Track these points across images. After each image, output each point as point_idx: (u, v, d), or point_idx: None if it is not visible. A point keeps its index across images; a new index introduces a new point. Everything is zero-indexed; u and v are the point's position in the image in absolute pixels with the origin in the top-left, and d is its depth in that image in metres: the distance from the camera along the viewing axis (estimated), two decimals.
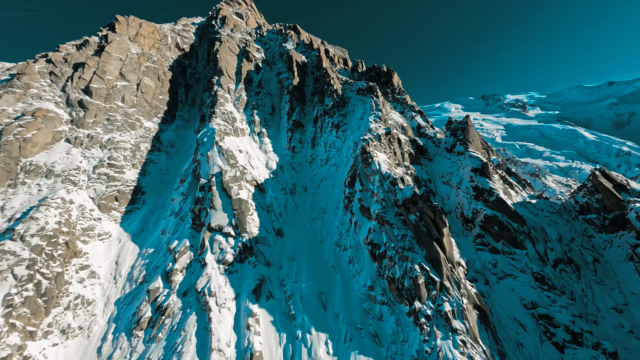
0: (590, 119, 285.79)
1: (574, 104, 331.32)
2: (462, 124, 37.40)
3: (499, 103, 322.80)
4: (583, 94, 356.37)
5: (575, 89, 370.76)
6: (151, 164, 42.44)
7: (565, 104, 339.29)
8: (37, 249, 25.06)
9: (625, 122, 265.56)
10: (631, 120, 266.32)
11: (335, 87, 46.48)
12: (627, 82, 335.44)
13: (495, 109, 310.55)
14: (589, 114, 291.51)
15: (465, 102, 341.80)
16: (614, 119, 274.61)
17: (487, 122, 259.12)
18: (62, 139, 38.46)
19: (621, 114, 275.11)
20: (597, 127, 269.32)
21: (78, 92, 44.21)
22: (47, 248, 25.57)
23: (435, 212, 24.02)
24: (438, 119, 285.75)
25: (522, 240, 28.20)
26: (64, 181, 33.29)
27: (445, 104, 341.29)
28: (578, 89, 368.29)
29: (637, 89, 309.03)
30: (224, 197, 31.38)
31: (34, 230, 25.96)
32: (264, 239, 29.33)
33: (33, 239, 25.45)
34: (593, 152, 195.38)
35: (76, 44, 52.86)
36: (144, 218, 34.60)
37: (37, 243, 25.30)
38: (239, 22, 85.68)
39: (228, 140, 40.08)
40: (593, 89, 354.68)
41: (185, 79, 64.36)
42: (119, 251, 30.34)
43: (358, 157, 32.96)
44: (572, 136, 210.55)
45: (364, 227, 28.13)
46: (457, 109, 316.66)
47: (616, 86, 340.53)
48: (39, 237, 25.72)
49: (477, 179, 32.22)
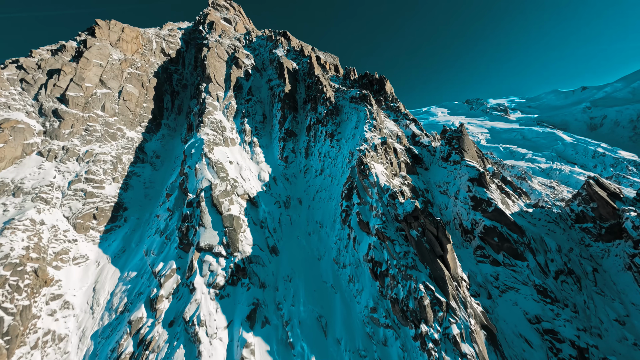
0: (566, 122, 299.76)
1: (551, 108, 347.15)
2: (457, 132, 36.97)
3: (483, 107, 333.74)
4: (559, 98, 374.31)
5: (552, 93, 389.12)
6: (134, 176, 39.59)
7: (543, 108, 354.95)
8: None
9: (599, 125, 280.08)
10: (603, 122, 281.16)
11: (328, 95, 45.33)
12: (598, 87, 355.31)
13: (479, 113, 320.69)
14: (565, 117, 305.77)
15: (450, 107, 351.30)
16: (588, 121, 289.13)
17: (472, 125, 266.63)
18: (34, 152, 35.17)
19: (594, 117, 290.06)
20: (573, 130, 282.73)
21: (53, 101, 40.90)
22: (11, 279, 22.61)
23: (438, 227, 22.95)
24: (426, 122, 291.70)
25: (523, 251, 27.61)
26: (34, 199, 30.15)
27: (432, 108, 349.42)
28: (554, 94, 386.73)
29: (607, 93, 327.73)
30: (214, 214, 29.24)
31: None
32: (257, 258, 27.37)
33: None
34: (571, 154, 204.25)
35: (51, 49, 49.36)
36: (126, 237, 31.85)
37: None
38: (227, 27, 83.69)
39: (217, 151, 37.95)
40: (568, 94, 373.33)
41: (171, 85, 61.58)
42: (97, 276, 27.53)
43: (354, 168, 31.70)
44: (552, 139, 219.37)
45: (364, 242, 26.74)
46: (443, 113, 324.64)
47: (588, 91, 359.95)
48: (2, 267, 22.73)
49: (475, 188, 31.61)
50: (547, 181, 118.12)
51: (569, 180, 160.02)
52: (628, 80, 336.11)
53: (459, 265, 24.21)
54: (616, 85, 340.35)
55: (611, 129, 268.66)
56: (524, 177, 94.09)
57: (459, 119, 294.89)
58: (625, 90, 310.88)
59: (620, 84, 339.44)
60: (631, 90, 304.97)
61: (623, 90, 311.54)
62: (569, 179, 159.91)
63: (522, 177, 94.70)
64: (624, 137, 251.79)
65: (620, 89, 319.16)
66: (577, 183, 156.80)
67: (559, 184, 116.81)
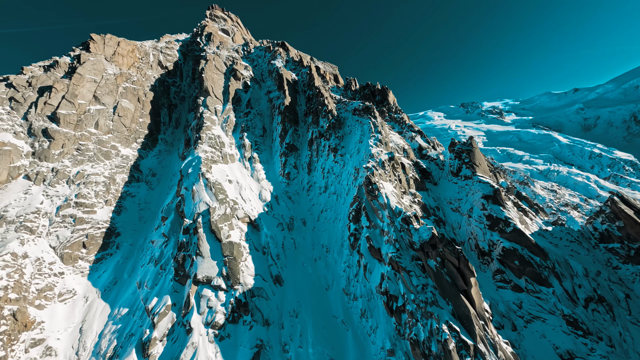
0: (560, 123, 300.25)
1: (545, 110, 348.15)
2: (467, 145, 34.70)
3: (478, 110, 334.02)
4: (552, 100, 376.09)
5: (544, 95, 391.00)
6: (128, 197, 36.97)
7: (537, 110, 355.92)
8: None
9: (592, 126, 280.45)
10: (597, 123, 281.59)
11: (330, 107, 43.11)
12: (590, 89, 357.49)
13: (475, 116, 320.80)
14: (559, 119, 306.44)
15: (446, 110, 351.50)
16: (582, 122, 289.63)
17: (469, 129, 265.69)
18: (20, 176, 32.55)
19: (588, 118, 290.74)
20: (567, 131, 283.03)
21: (43, 120, 38.44)
22: None
23: (460, 258, 20.42)
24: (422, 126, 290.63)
25: (547, 276, 25.10)
26: (18, 229, 27.45)
27: (428, 112, 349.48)
28: (547, 96, 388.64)
29: (599, 95, 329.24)
30: (213, 241, 26.62)
31: None
32: (260, 291, 24.69)
33: None
34: (568, 155, 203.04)
35: (44, 65, 47.09)
36: (118, 266, 29.11)
37: None
38: (225, 38, 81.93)
39: (216, 169, 35.47)
40: (560, 95, 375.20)
41: (168, 98, 59.32)
42: (85, 314, 24.73)
43: (362, 187, 29.25)
44: (548, 140, 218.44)
45: (376, 271, 24.15)
46: (439, 117, 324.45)
47: (580, 92, 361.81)
48: None
49: (490, 206, 29.21)
50: (548, 184, 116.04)
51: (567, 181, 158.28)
52: (619, 81, 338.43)
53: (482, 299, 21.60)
54: (607, 86, 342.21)
55: (605, 129, 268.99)
56: (527, 182, 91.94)
57: (455, 123, 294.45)
58: (616, 91, 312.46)
59: (612, 85, 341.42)
60: (622, 91, 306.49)
61: (615, 91, 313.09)
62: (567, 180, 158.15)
63: (524, 182, 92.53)
64: (618, 137, 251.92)
65: (612, 90, 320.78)
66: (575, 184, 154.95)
67: (560, 187, 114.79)
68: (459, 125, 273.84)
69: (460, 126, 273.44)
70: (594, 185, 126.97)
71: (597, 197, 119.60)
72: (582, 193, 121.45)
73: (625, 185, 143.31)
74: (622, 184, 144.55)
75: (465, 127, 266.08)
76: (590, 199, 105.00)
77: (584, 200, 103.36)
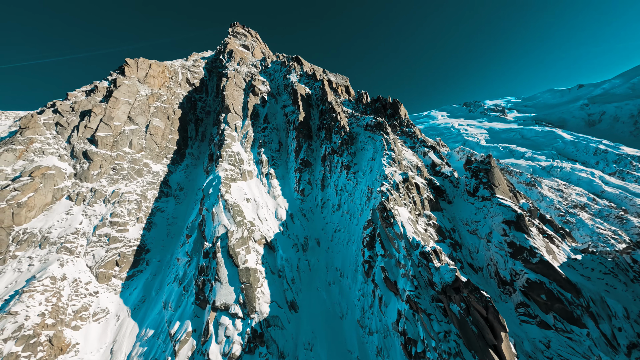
0: (564, 119, 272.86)
1: (548, 106, 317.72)
2: (485, 164, 29.40)
3: (481, 109, 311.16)
4: (555, 96, 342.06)
5: (547, 92, 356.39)
6: (158, 213, 35.42)
7: (539, 107, 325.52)
8: (9, 358, 18.13)
9: (597, 121, 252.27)
10: (602, 118, 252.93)
11: (342, 122, 38.76)
12: (595, 85, 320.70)
13: (478, 115, 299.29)
14: (563, 115, 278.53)
15: (450, 110, 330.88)
16: (586, 118, 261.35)
17: (472, 127, 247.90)
18: (64, 197, 31.62)
19: (592, 113, 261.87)
20: (570, 127, 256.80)
21: (84, 142, 37.38)
22: (22, 354, 18.61)
23: (489, 308, 16.28)
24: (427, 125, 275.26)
25: (580, 315, 20.27)
26: (59, 250, 26.39)
27: (432, 112, 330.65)
28: (550, 92, 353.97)
29: (606, 90, 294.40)
30: (230, 266, 24.08)
31: (9, 332, 19.03)
32: (276, 320, 21.95)
33: (6, 345, 18.52)
34: (572, 151, 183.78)
35: (86, 89, 46.13)
36: (147, 284, 27.55)
37: (10, 351, 18.37)
38: (245, 53, 78.33)
39: (235, 187, 32.78)
40: (564, 92, 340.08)
41: (195, 114, 57.31)
42: (116, 334, 23.29)
43: (376, 211, 25.32)
44: (551, 137, 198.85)
45: (392, 306, 20.53)
46: (443, 116, 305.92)
47: (585, 88, 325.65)
48: (14, 341, 18.78)
49: (513, 233, 24.30)
50: (554, 183, 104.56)
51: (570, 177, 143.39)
52: (627, 76, 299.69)
53: (514, 350, 17.43)
54: (614, 81, 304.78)
55: (610, 124, 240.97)
56: (533, 184, 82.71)
57: (458, 121, 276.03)
58: (624, 86, 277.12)
59: (619, 80, 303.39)
60: (631, 86, 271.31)
61: (622, 87, 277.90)
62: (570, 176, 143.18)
63: (531, 183, 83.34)
64: (624, 132, 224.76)
65: (619, 85, 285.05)
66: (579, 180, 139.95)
67: (566, 186, 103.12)
68: (461, 124, 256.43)
69: (463, 124, 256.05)
70: (598, 181, 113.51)
71: (601, 192, 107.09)
72: (586, 189, 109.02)
73: (632, 181, 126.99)
74: (628, 179, 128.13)
75: (468, 126, 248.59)
76: (597, 198, 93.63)
77: (592, 199, 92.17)
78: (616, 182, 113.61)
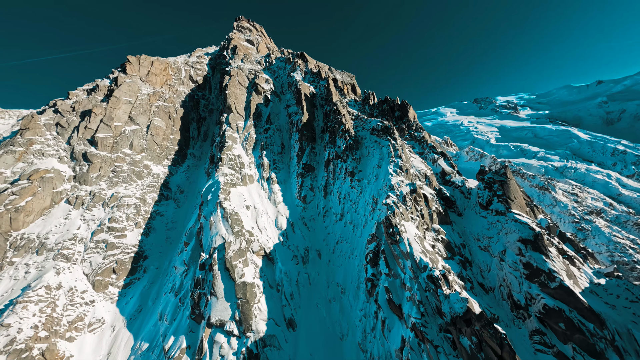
0: (579, 117, 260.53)
1: (563, 103, 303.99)
2: (500, 175, 27.17)
3: (492, 106, 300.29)
4: (572, 93, 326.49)
5: (563, 88, 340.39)
6: (157, 217, 34.71)
7: (554, 104, 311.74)
8: None
9: (616, 120, 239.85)
10: (621, 117, 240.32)
11: (347, 126, 36.79)
12: (615, 81, 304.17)
13: (489, 112, 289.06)
14: (579, 113, 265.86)
15: (459, 107, 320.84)
16: (604, 116, 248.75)
17: (482, 124, 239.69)
18: (63, 200, 31.12)
19: (611, 112, 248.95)
20: (587, 125, 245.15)
21: (83, 144, 36.71)
22: None
23: (504, 346, 14.67)
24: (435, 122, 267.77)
25: (604, 349, 18.42)
26: (55, 257, 25.92)
27: (440, 108, 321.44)
28: (567, 89, 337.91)
29: (627, 87, 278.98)
30: (227, 280, 23.06)
31: (0, 346, 18.61)
32: (272, 339, 20.92)
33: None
34: (588, 152, 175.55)
35: (87, 88, 45.35)
36: (144, 293, 26.95)
37: None
38: (250, 49, 76.09)
39: (234, 193, 31.61)
40: (582, 88, 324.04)
41: (197, 112, 56.09)
42: (111, 345, 22.80)
43: (381, 225, 23.70)
44: (566, 136, 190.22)
45: (395, 331, 19.13)
46: (452, 113, 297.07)
47: (605, 85, 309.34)
48: (5, 355, 18.35)
49: (529, 253, 22.32)
50: (569, 187, 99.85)
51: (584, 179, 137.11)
52: None
53: None
54: (637, 77, 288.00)
55: (630, 123, 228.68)
56: (547, 188, 78.99)
57: (467, 119, 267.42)
58: None
59: None
60: None
61: None
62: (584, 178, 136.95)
63: (544, 187, 79.62)
64: None
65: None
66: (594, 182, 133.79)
67: (581, 189, 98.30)
68: (471, 122, 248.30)
69: (472, 122, 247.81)
70: (615, 183, 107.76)
71: (618, 195, 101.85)
72: (602, 192, 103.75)
73: None
74: None
75: (478, 123, 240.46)
76: (614, 202, 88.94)
77: (608, 204, 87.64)
78: (634, 184, 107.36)
